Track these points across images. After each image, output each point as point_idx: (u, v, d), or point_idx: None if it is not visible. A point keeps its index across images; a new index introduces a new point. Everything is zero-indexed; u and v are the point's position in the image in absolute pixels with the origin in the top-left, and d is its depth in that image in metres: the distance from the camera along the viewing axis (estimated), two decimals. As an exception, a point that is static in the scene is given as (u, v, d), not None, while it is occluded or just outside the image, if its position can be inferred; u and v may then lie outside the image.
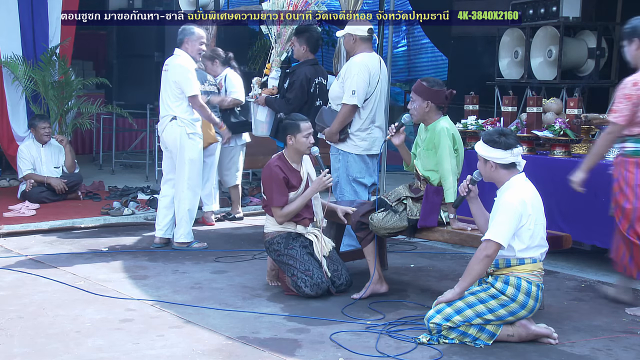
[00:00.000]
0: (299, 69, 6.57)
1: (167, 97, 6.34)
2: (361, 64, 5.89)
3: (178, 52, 6.40)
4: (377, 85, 5.97)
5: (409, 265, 6.01)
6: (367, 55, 5.98)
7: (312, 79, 6.53)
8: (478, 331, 4.19)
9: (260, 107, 6.78)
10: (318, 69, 6.69)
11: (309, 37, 6.63)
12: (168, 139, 6.35)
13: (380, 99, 6.05)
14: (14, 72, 8.54)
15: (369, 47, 6.05)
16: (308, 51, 6.63)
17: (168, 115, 6.32)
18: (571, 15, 9.03)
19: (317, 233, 5.23)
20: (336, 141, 6.00)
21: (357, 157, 5.96)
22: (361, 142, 5.95)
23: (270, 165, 5.19)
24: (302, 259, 5.07)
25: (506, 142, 4.23)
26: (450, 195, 4.85)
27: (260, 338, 4.24)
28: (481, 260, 4.15)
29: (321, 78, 6.63)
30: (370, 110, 5.96)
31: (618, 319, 4.73)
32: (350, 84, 5.84)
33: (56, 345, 4.08)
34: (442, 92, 4.92)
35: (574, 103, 6.18)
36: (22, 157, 8.13)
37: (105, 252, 6.25)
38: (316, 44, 6.70)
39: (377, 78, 5.97)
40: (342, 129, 5.93)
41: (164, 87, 6.38)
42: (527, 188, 4.27)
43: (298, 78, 6.51)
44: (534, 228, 4.19)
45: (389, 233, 5.06)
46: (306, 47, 6.61)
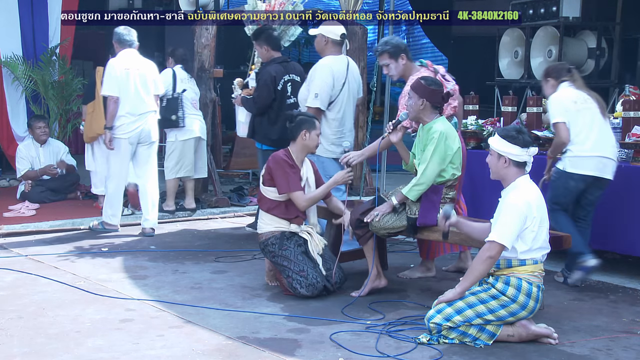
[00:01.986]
0: (265, 68, 6.70)
1: (146, 94, 6.82)
2: (325, 67, 5.97)
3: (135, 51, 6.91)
4: (342, 88, 6.01)
5: (409, 265, 6.00)
6: (334, 58, 6.05)
7: (280, 77, 6.61)
8: (478, 331, 4.19)
9: (240, 108, 6.93)
10: (288, 66, 6.75)
11: (267, 37, 6.75)
12: (153, 132, 6.90)
13: (348, 101, 6.10)
14: (14, 72, 8.55)
15: (339, 50, 6.13)
16: (271, 50, 6.72)
17: (151, 111, 6.87)
18: (571, 15, 9.04)
19: (310, 231, 5.22)
20: None
21: (332, 160, 6.03)
22: (332, 147, 6.00)
23: (278, 157, 5.15)
24: (297, 259, 5.06)
25: (524, 139, 4.22)
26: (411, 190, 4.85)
27: (260, 338, 4.24)
28: (484, 261, 4.14)
29: (293, 75, 6.70)
30: (337, 112, 6.02)
31: (618, 319, 4.73)
32: (313, 87, 5.94)
33: (56, 345, 4.08)
34: (439, 92, 4.92)
35: (574, 103, 6.16)
36: (21, 157, 8.13)
37: (105, 252, 6.25)
38: (276, 42, 6.79)
39: (343, 81, 6.02)
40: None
41: (140, 85, 6.79)
42: (532, 190, 4.26)
43: (262, 77, 6.63)
44: (537, 230, 4.18)
45: (388, 233, 5.06)
46: (267, 47, 6.72)
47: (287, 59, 6.84)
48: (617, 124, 6.19)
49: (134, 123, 6.78)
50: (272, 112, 6.63)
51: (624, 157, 5.74)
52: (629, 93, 6.61)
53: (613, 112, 6.73)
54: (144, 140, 6.88)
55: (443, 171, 4.88)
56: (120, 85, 6.72)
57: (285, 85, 6.62)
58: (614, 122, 6.37)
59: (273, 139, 6.63)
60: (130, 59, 6.83)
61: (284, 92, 6.61)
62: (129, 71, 6.76)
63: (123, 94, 6.74)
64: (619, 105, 6.52)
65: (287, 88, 6.62)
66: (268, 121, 6.66)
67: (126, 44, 6.87)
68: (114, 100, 6.69)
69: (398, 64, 5.49)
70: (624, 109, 5.95)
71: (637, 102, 5.88)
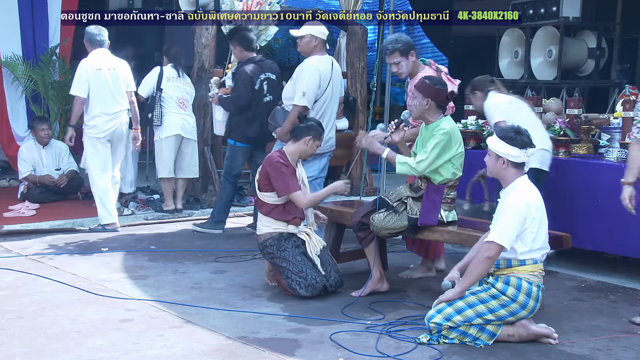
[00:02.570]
0: (241, 68, 6.81)
1: (118, 93, 6.96)
2: (313, 66, 6.07)
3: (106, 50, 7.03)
4: (327, 87, 6.12)
5: (409, 265, 6.00)
6: (320, 57, 6.15)
7: (256, 76, 6.73)
8: (478, 331, 4.19)
9: (217, 107, 7.04)
10: (264, 65, 6.86)
11: (240, 37, 6.86)
12: (126, 130, 7.10)
13: (331, 100, 6.21)
14: (14, 72, 8.54)
15: (324, 49, 6.24)
16: (244, 51, 6.85)
17: (124, 110, 7.03)
18: (571, 15, 9.04)
19: (308, 231, 5.22)
20: (287, 141, 6.04)
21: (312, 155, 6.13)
22: None
23: (273, 158, 5.15)
24: (295, 260, 5.06)
25: (522, 140, 4.21)
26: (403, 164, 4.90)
27: (260, 338, 4.24)
28: (483, 261, 4.14)
29: (269, 74, 6.82)
30: (318, 110, 6.11)
31: (618, 319, 4.73)
32: (300, 86, 6.02)
33: (56, 345, 4.08)
34: (443, 91, 4.93)
35: (574, 103, 6.18)
36: (23, 159, 8.12)
37: (105, 252, 6.25)
38: (249, 42, 6.88)
39: (328, 80, 6.13)
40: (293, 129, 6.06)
41: (113, 84, 6.92)
42: (532, 190, 4.25)
43: (239, 77, 6.76)
44: (537, 231, 4.18)
45: (389, 233, 5.06)
46: (241, 48, 6.84)
47: (262, 58, 6.96)
48: (618, 124, 6.20)
49: (108, 122, 6.93)
50: (249, 111, 6.77)
51: (624, 157, 5.73)
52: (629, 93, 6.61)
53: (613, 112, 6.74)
54: (118, 138, 7.05)
55: (442, 168, 4.88)
56: (92, 86, 6.85)
57: (262, 84, 6.76)
58: (614, 122, 6.38)
59: (250, 137, 6.84)
60: (101, 59, 6.96)
61: (261, 91, 6.76)
62: (101, 71, 6.89)
63: (95, 94, 6.87)
64: (619, 105, 6.52)
65: (263, 87, 6.75)
66: (245, 120, 6.81)
67: (97, 44, 6.99)
68: (81, 101, 6.86)
69: (409, 61, 5.54)
70: (624, 109, 5.95)
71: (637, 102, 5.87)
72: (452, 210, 5.02)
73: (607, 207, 5.63)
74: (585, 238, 5.76)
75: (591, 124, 6.24)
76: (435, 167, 4.88)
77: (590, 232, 5.73)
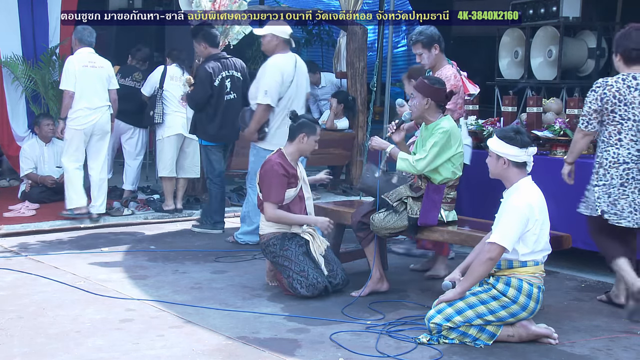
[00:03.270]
0: (202, 65, 6.92)
1: (102, 90, 7.22)
2: (274, 65, 6.23)
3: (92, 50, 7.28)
4: (291, 84, 6.28)
5: (409, 265, 6.00)
6: (283, 56, 6.30)
7: (216, 73, 6.81)
8: (478, 331, 4.19)
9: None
10: (227, 62, 6.93)
11: (204, 34, 6.94)
12: (106, 125, 7.29)
13: (296, 97, 6.36)
14: (14, 72, 8.54)
15: (287, 48, 6.37)
16: (208, 47, 6.92)
17: (105, 105, 7.25)
18: (571, 15, 9.04)
19: (312, 232, 5.22)
20: (255, 140, 6.34)
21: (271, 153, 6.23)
22: (275, 140, 6.21)
23: (271, 162, 5.16)
24: (297, 259, 5.06)
25: (522, 140, 4.20)
26: (403, 161, 4.92)
27: (260, 338, 4.24)
28: (484, 262, 4.14)
29: (233, 71, 6.89)
30: (284, 107, 6.24)
31: (618, 319, 4.73)
32: (262, 85, 6.19)
33: (56, 345, 4.08)
34: (442, 90, 4.93)
35: (574, 103, 6.18)
36: (25, 156, 8.14)
37: (105, 252, 6.25)
38: (213, 39, 6.96)
39: (292, 78, 6.28)
40: (260, 128, 6.25)
41: (97, 81, 7.18)
42: (534, 192, 4.24)
43: (198, 74, 6.91)
44: (539, 233, 4.16)
45: (389, 233, 5.06)
46: (205, 44, 6.92)
47: (226, 55, 7.02)
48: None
49: (89, 116, 7.16)
50: (210, 108, 6.86)
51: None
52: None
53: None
54: (97, 131, 7.25)
55: (442, 167, 4.88)
56: (78, 81, 7.11)
57: (224, 82, 6.83)
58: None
59: (211, 134, 6.91)
60: (87, 57, 7.22)
61: (222, 88, 6.83)
62: (87, 68, 7.15)
63: (81, 89, 7.12)
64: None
65: (225, 84, 6.83)
66: (207, 117, 6.90)
67: (85, 43, 7.24)
68: (70, 94, 7.10)
69: (431, 54, 5.55)
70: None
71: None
72: (452, 210, 5.02)
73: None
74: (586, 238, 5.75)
75: (591, 123, 6.23)
76: (435, 167, 4.88)
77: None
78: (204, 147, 7.02)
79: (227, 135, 6.97)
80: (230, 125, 6.84)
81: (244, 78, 6.96)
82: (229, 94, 6.85)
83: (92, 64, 7.21)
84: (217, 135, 6.91)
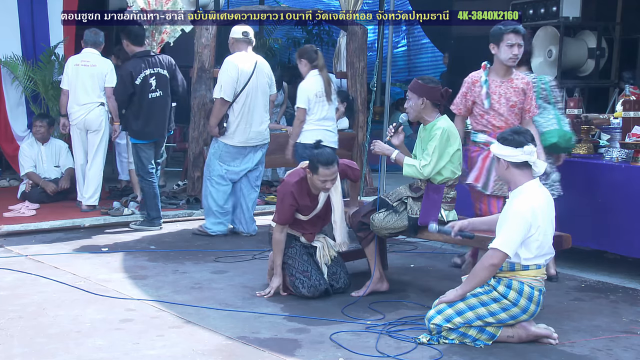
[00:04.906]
0: (124, 63, 7.18)
1: (91, 87, 7.44)
2: (231, 62, 6.57)
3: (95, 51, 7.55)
4: (248, 82, 6.59)
5: (409, 265, 6.01)
6: (240, 54, 6.65)
7: (138, 72, 6.92)
8: (478, 332, 4.19)
9: None
10: (152, 60, 7.03)
11: (128, 32, 7.12)
12: (98, 122, 7.49)
13: (256, 95, 6.67)
14: (14, 72, 8.55)
15: (245, 47, 6.69)
16: (131, 45, 7.07)
17: (94, 102, 7.45)
18: (571, 16, 9.04)
19: (322, 241, 5.21)
20: (217, 134, 6.65)
21: (232, 148, 6.71)
22: (235, 135, 6.66)
23: (288, 185, 4.99)
24: (301, 258, 5.06)
25: (517, 139, 4.15)
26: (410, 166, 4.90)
27: (260, 338, 4.24)
28: (486, 267, 4.13)
29: (158, 69, 7.00)
30: (243, 105, 6.61)
31: (618, 319, 4.73)
32: (219, 80, 6.60)
33: (56, 345, 4.08)
34: (437, 89, 4.92)
35: (574, 103, 6.18)
36: (24, 155, 8.15)
37: (105, 252, 6.25)
38: (136, 37, 7.09)
39: (249, 75, 6.58)
40: (220, 123, 6.61)
41: (87, 78, 7.42)
42: (539, 196, 4.17)
43: (119, 73, 7.18)
44: (542, 239, 4.13)
45: (390, 233, 5.06)
46: (127, 42, 7.07)
47: (150, 53, 7.12)
48: (618, 124, 6.19)
49: (77, 112, 7.47)
50: (134, 106, 7.01)
51: (624, 157, 5.74)
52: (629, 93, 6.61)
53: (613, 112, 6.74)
54: (90, 127, 7.51)
55: (443, 168, 4.88)
56: (70, 79, 7.45)
57: (147, 79, 6.94)
58: (614, 122, 6.37)
59: (136, 131, 7.06)
60: (83, 56, 7.54)
61: (145, 86, 6.93)
62: (78, 67, 7.45)
63: (73, 87, 7.45)
64: (619, 105, 6.52)
65: (149, 82, 6.95)
66: (132, 115, 7.06)
67: (89, 43, 7.57)
68: (64, 92, 7.52)
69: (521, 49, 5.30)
70: (624, 109, 5.95)
71: (637, 102, 5.88)
72: (452, 209, 5.02)
73: (607, 206, 5.62)
74: (586, 238, 5.76)
75: (591, 123, 6.24)
76: (439, 169, 4.88)
77: (591, 231, 5.73)
78: (133, 145, 7.18)
79: (153, 132, 7.05)
80: (156, 123, 7.01)
81: (171, 75, 7.09)
82: (155, 91, 6.97)
83: (84, 62, 7.46)
84: (142, 133, 7.03)
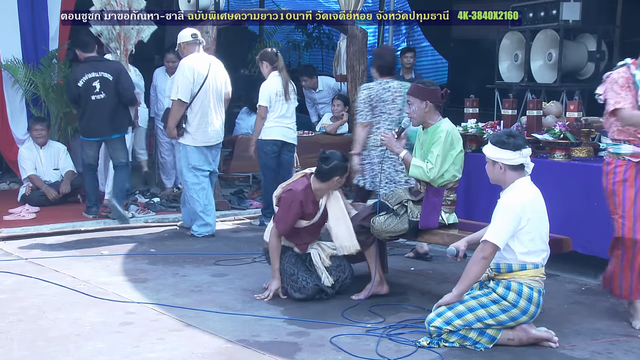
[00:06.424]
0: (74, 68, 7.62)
1: None
2: (185, 64, 6.76)
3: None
4: (204, 83, 6.76)
5: (409, 268, 6.00)
6: (193, 56, 6.84)
7: (81, 75, 7.28)
8: (478, 335, 4.19)
9: None
10: (99, 65, 7.35)
11: (77, 41, 7.54)
12: None
13: (213, 95, 6.86)
14: (14, 75, 8.54)
15: (196, 48, 6.88)
16: (80, 52, 7.43)
17: None
18: (571, 19, 9.03)
19: (316, 247, 5.19)
20: (175, 136, 6.81)
21: (195, 149, 6.86)
22: (197, 136, 6.82)
23: (296, 194, 4.98)
24: (290, 262, 5.09)
25: (515, 142, 4.19)
26: (417, 168, 4.89)
27: (260, 341, 4.24)
28: (478, 261, 4.14)
29: (102, 73, 7.28)
30: (200, 106, 6.78)
31: (618, 322, 4.72)
32: (175, 82, 6.78)
33: (56, 348, 4.08)
34: (437, 91, 4.95)
35: (574, 106, 6.18)
36: (24, 158, 8.15)
37: (105, 255, 6.24)
38: (84, 43, 7.39)
39: (205, 76, 6.77)
40: (179, 124, 6.78)
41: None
42: (529, 191, 4.23)
43: (68, 77, 7.67)
44: (533, 232, 4.16)
45: (390, 236, 5.06)
46: (78, 49, 7.49)
47: (98, 58, 7.43)
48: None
49: None
50: (79, 107, 7.46)
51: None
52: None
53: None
54: None
55: (445, 171, 4.88)
56: None
57: (90, 83, 7.25)
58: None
59: (82, 129, 7.51)
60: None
61: (88, 89, 7.26)
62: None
63: None
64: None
65: (93, 85, 7.25)
66: (79, 114, 7.57)
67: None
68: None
69: None
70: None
71: None
72: (452, 212, 5.02)
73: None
74: (586, 241, 5.75)
75: (591, 127, 6.23)
76: (443, 171, 4.88)
77: (591, 235, 5.72)
78: (80, 140, 7.67)
79: (95, 131, 7.37)
80: (98, 122, 7.30)
81: (116, 79, 7.30)
82: (99, 93, 7.27)
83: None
84: (85, 130, 7.45)
